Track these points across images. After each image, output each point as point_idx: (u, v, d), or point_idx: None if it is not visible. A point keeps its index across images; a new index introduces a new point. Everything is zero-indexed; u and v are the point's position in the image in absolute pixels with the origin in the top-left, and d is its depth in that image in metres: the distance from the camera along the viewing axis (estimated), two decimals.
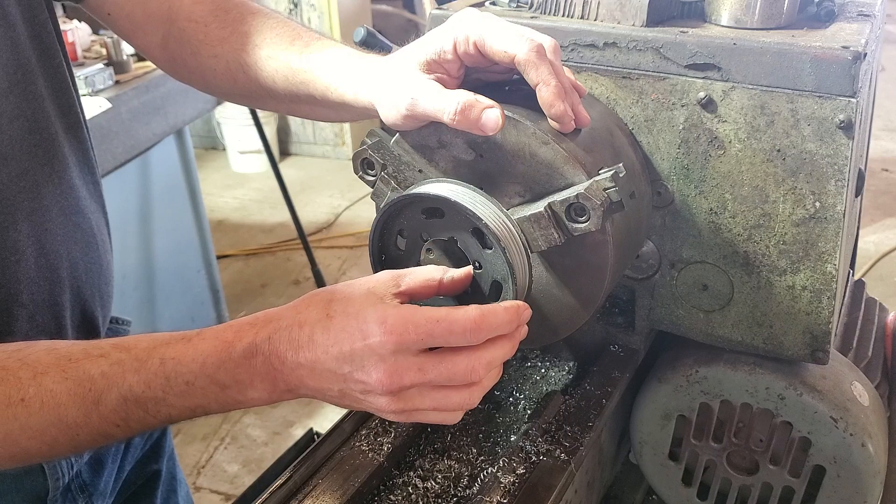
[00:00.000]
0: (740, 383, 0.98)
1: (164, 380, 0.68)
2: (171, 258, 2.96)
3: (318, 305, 0.68)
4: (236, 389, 0.69)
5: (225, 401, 0.70)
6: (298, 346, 0.67)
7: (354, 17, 4.99)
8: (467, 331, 0.66)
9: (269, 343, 0.67)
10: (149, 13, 1.04)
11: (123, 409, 0.69)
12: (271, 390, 0.69)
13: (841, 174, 0.85)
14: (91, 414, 0.68)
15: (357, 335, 0.65)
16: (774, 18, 0.91)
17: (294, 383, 0.68)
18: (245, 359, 0.67)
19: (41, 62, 0.92)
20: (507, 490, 0.87)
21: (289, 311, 0.69)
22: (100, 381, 0.68)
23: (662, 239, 0.96)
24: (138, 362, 0.69)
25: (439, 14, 0.97)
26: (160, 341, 0.70)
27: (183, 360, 0.68)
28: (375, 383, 0.66)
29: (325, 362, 0.66)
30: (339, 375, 0.66)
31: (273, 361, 0.67)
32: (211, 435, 2.94)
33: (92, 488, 1.05)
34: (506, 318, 0.68)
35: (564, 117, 0.77)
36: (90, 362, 0.68)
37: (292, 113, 1.06)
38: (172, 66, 1.08)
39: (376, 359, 0.65)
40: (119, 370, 0.68)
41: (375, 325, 0.65)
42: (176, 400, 0.69)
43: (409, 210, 0.81)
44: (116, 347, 0.70)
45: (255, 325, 0.69)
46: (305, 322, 0.67)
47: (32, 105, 0.90)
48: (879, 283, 3.72)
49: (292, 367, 0.67)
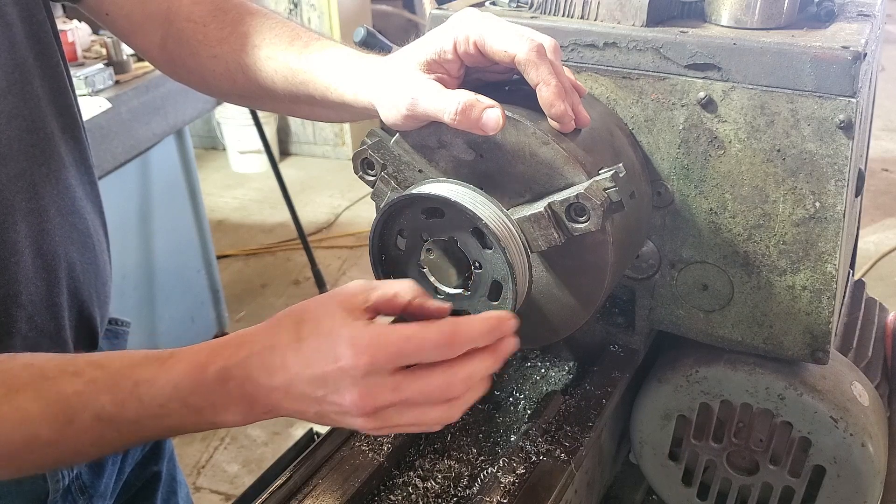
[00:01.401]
0: (740, 383, 0.98)
1: (138, 402, 0.67)
2: (171, 258, 2.96)
3: (288, 327, 0.67)
4: (211, 413, 0.68)
5: (199, 423, 0.69)
6: (272, 370, 0.66)
7: (354, 17, 4.99)
8: (440, 346, 0.65)
9: (242, 367, 0.66)
10: (147, 14, 1.04)
11: (97, 428, 0.68)
12: (247, 413, 0.68)
13: (841, 174, 0.85)
14: (65, 433, 0.68)
15: (329, 357, 0.64)
16: (774, 18, 0.91)
17: (270, 406, 0.68)
18: (218, 384, 0.67)
19: (39, 62, 0.92)
20: (507, 490, 0.87)
21: (261, 334, 0.68)
22: (74, 400, 0.67)
23: (662, 239, 0.96)
24: (112, 383, 0.68)
25: (439, 14, 0.97)
26: (135, 361, 0.69)
27: (156, 383, 0.67)
28: (350, 406, 0.65)
29: (298, 386, 0.65)
30: (314, 398, 0.66)
31: (247, 386, 0.66)
32: (211, 435, 2.94)
33: (92, 490, 1.04)
34: (482, 330, 0.66)
35: (564, 117, 0.77)
36: (65, 380, 0.68)
37: (292, 113, 1.06)
38: (171, 66, 1.08)
39: (349, 381, 0.64)
40: (93, 389, 0.67)
41: (346, 348, 0.63)
42: (150, 422, 0.68)
43: (409, 210, 0.81)
44: (91, 365, 0.69)
45: (229, 347, 0.68)
46: (277, 345, 0.66)
47: (30, 105, 0.90)
48: (879, 283, 3.72)
49: (267, 392, 0.66)
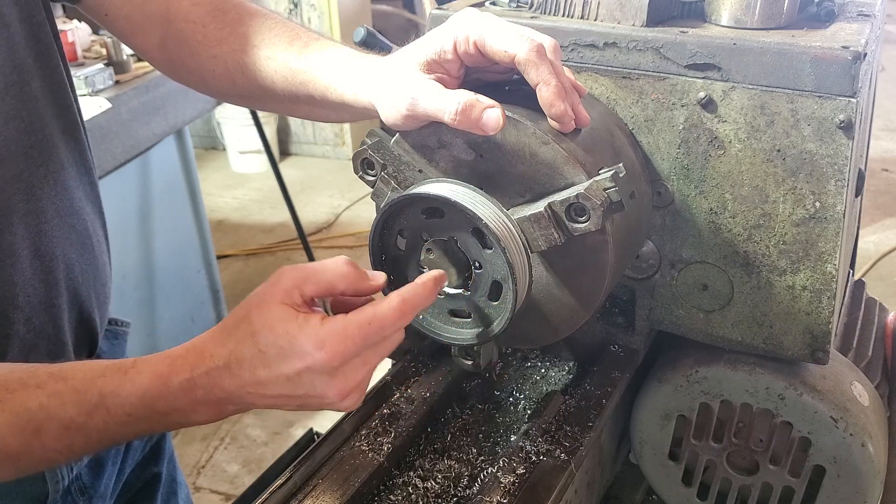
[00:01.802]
0: (740, 383, 0.98)
1: (105, 412, 0.69)
2: (171, 258, 2.96)
3: (245, 339, 0.69)
4: (179, 415, 0.71)
5: (168, 424, 0.73)
6: (242, 381, 0.69)
7: (354, 17, 4.99)
8: (397, 320, 0.70)
9: (207, 377, 0.69)
10: (146, 14, 1.04)
11: (66, 437, 0.70)
12: (217, 413, 0.71)
13: (841, 174, 0.85)
14: (32, 444, 0.69)
15: (298, 363, 0.67)
16: (774, 18, 0.91)
17: (244, 405, 0.71)
18: (184, 393, 0.69)
19: (38, 63, 0.92)
20: (507, 490, 0.87)
21: (218, 348, 0.70)
22: (38, 413, 0.69)
23: (662, 239, 0.96)
24: (77, 394, 0.69)
25: (439, 14, 0.97)
26: (97, 373, 0.71)
27: (121, 394, 0.69)
28: (334, 396, 0.69)
29: (276, 389, 0.69)
30: (294, 397, 0.69)
31: (216, 392, 0.69)
32: (211, 435, 2.94)
33: (92, 491, 1.04)
34: (426, 294, 0.72)
35: (564, 117, 0.77)
36: (27, 394, 0.69)
37: (291, 113, 1.05)
38: (171, 66, 1.08)
39: (326, 377, 0.68)
40: (58, 402, 0.69)
41: (315, 351, 0.67)
42: (118, 428, 0.71)
43: (410, 210, 0.81)
44: (53, 377, 0.71)
45: (188, 360, 0.70)
46: (243, 359, 0.69)
47: (28, 106, 0.89)
48: (879, 283, 3.72)
49: (240, 396, 0.70)
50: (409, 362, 1.10)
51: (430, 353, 1.10)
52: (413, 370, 1.09)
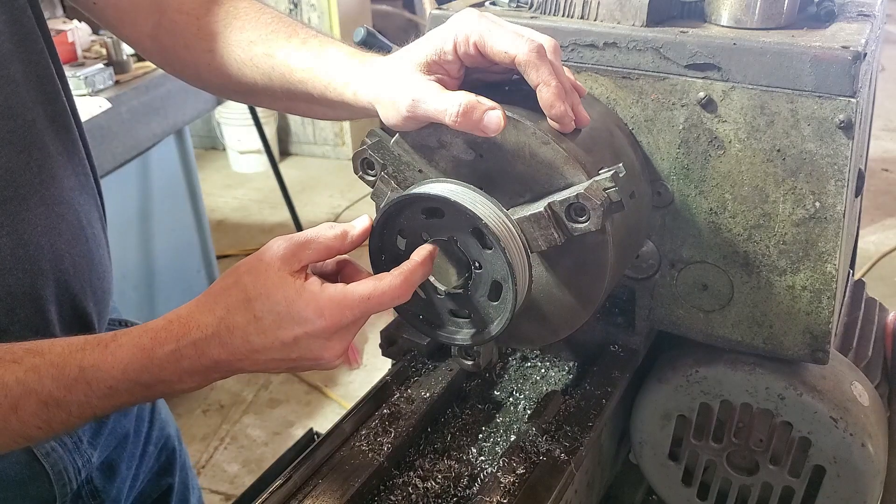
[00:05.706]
0: (740, 383, 0.98)
1: (86, 385, 0.69)
2: (170, 258, 2.96)
3: (239, 308, 0.70)
4: (164, 386, 0.71)
5: (151, 395, 0.73)
6: (233, 348, 0.69)
7: (354, 17, 4.99)
8: (397, 296, 0.72)
9: (193, 347, 0.69)
10: (136, 2, 1.01)
11: (45, 412, 0.70)
12: (202, 381, 0.72)
13: (841, 174, 0.85)
14: (9, 419, 0.69)
15: (297, 328, 0.69)
16: (774, 18, 0.91)
17: (231, 371, 0.72)
18: (169, 363, 0.70)
19: (19, 48, 0.88)
20: (507, 490, 0.87)
21: (206, 316, 0.70)
22: (15, 388, 0.68)
23: (662, 239, 0.96)
24: (56, 368, 0.69)
25: (439, 14, 0.97)
26: (75, 346, 0.71)
27: (102, 367, 0.69)
28: (330, 357, 0.72)
29: (270, 354, 0.70)
30: (286, 360, 0.71)
31: (203, 361, 0.70)
32: (211, 435, 2.94)
33: (104, 494, 1.03)
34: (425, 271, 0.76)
35: (564, 117, 0.77)
36: (2, 369, 0.69)
37: (289, 111, 1.04)
38: (164, 57, 1.05)
39: (322, 341, 0.70)
40: (35, 376, 0.69)
41: (316, 318, 0.69)
42: (99, 402, 0.71)
43: (409, 210, 0.81)
44: (30, 352, 0.70)
45: (172, 331, 0.70)
46: (235, 327, 0.69)
47: (5, 91, 0.86)
48: (879, 283, 3.72)
49: (229, 363, 0.70)
50: (409, 362, 1.10)
51: (430, 353, 1.10)
52: (413, 370, 1.09)
